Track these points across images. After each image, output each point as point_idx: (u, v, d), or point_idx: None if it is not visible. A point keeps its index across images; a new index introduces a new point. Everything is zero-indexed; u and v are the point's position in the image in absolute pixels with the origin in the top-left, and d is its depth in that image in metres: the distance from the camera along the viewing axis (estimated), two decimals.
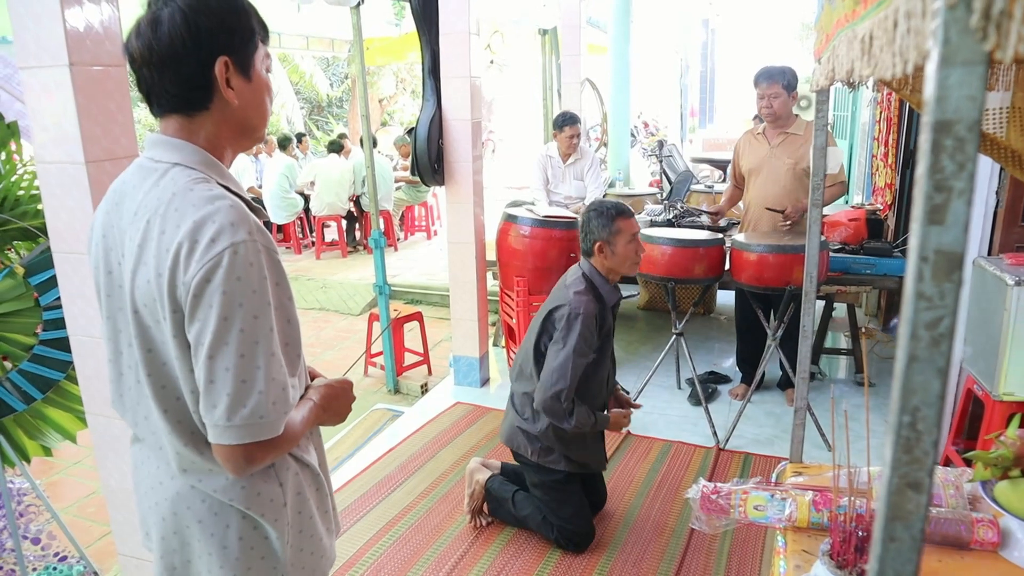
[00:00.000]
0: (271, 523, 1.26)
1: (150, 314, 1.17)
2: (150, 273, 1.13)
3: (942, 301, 0.52)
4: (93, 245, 1.27)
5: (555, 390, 2.59)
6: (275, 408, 1.14)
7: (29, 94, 1.99)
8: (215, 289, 1.08)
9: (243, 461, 1.14)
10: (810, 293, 1.92)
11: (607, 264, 2.71)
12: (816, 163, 1.78)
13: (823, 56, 1.35)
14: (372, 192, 4.64)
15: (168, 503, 1.26)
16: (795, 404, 2.12)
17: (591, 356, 2.66)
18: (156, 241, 1.12)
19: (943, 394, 0.54)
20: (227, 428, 1.11)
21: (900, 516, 0.57)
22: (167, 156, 1.19)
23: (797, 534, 1.64)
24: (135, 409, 1.28)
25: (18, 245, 2.49)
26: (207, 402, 1.12)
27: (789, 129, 3.86)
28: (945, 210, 0.50)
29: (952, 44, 0.47)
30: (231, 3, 1.18)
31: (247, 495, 1.23)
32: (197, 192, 1.13)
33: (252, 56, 1.21)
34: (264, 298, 1.13)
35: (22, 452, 2.55)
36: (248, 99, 1.22)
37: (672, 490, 3.26)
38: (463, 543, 2.89)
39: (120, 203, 1.22)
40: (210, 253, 1.08)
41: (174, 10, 1.13)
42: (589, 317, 2.62)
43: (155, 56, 1.15)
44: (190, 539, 1.27)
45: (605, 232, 2.66)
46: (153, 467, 1.30)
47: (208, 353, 1.10)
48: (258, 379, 1.11)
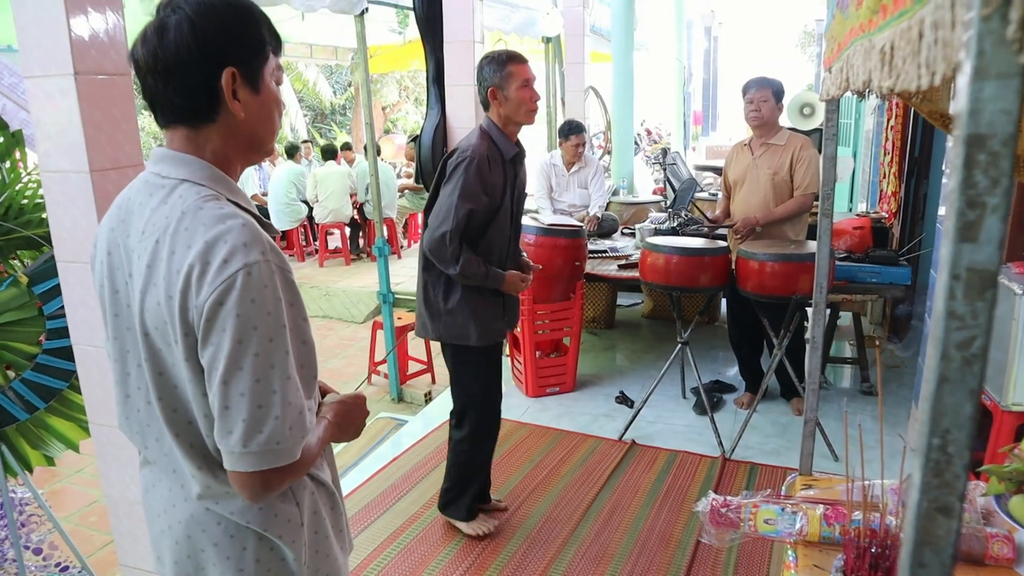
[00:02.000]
0: (288, 544, 1.23)
1: (161, 337, 1.13)
2: (160, 295, 1.10)
3: (974, 320, 0.50)
4: (98, 263, 1.24)
5: (440, 231, 2.55)
6: (292, 433, 1.10)
7: (34, 103, 1.99)
8: (228, 312, 1.05)
9: (260, 488, 1.11)
10: (820, 303, 1.90)
11: (502, 112, 2.65)
12: (826, 173, 1.76)
13: (834, 66, 1.34)
14: (376, 200, 4.63)
15: (182, 526, 1.23)
16: (804, 416, 2.10)
17: (482, 200, 2.60)
18: (166, 262, 1.09)
19: (975, 416, 0.52)
20: (243, 455, 1.08)
21: (929, 541, 0.55)
22: (174, 172, 1.15)
23: (808, 549, 1.62)
24: (144, 431, 1.25)
25: (22, 254, 2.48)
26: (222, 428, 1.08)
27: (772, 140, 3.89)
28: (978, 227, 0.48)
29: (986, 56, 0.46)
30: (241, 12, 1.15)
31: (264, 516, 1.21)
32: (207, 210, 1.10)
33: (261, 68, 1.17)
34: (279, 320, 1.09)
35: (24, 461, 2.54)
36: (256, 112, 1.18)
37: (678, 500, 3.23)
38: (470, 553, 2.87)
39: (126, 220, 1.18)
40: (223, 275, 1.05)
41: (181, 18, 1.10)
42: (480, 160, 2.58)
43: (160, 64, 1.11)
44: (205, 563, 1.23)
45: (497, 77, 2.61)
46: (165, 489, 1.26)
47: (222, 378, 1.06)
48: (274, 404, 1.08)
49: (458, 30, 4.07)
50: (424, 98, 4.35)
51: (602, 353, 5.22)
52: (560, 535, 2.98)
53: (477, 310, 2.72)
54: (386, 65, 10.66)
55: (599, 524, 3.06)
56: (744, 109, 3.91)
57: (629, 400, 4.28)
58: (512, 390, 4.58)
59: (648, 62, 11.67)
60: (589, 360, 4.99)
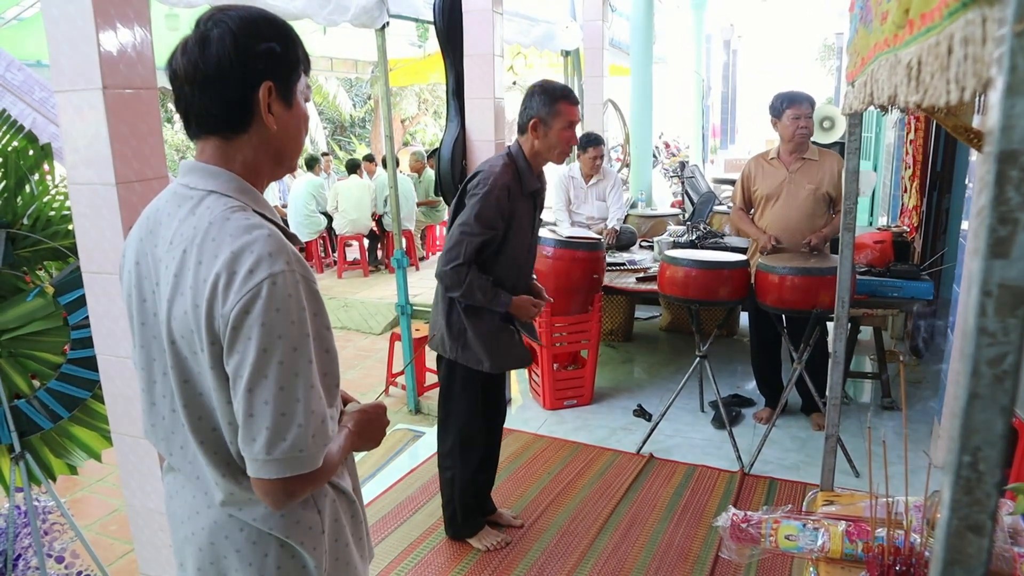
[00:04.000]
0: (309, 551, 1.24)
1: (187, 345, 1.15)
2: (187, 304, 1.11)
3: (1006, 337, 0.50)
4: (126, 272, 1.26)
5: (451, 258, 2.54)
6: (315, 441, 1.11)
7: (63, 116, 2.02)
8: (254, 321, 1.06)
9: (283, 495, 1.13)
10: (842, 318, 1.89)
11: (537, 146, 2.61)
12: (849, 186, 1.76)
13: (857, 80, 1.34)
14: (395, 212, 4.66)
15: (205, 533, 1.24)
16: (826, 431, 2.08)
17: (497, 230, 2.56)
18: (193, 271, 1.10)
19: (1007, 433, 0.52)
20: (266, 462, 1.09)
21: (960, 561, 0.54)
22: (202, 183, 1.17)
23: (830, 565, 1.60)
24: (169, 439, 1.26)
25: (49, 265, 2.52)
26: (246, 435, 1.10)
27: (806, 155, 3.85)
28: (1010, 243, 0.48)
29: (1020, 72, 0.46)
30: (281, 30, 1.18)
31: (287, 523, 1.22)
32: (234, 221, 1.12)
33: (295, 85, 1.21)
34: (303, 329, 1.11)
35: (48, 470, 2.56)
36: (286, 126, 1.21)
37: (696, 515, 3.21)
38: (487, 567, 2.86)
39: (154, 231, 1.20)
40: (248, 284, 1.06)
41: (224, 31, 1.12)
42: (500, 190, 2.53)
43: (200, 75, 1.13)
44: (227, 570, 1.25)
45: (544, 110, 2.56)
46: (188, 496, 1.28)
47: (247, 386, 1.08)
48: (297, 412, 1.09)
49: (478, 44, 4.10)
50: (443, 111, 4.37)
51: (620, 366, 5.20)
52: (577, 549, 2.97)
53: (498, 337, 2.70)
54: (406, 78, 10.73)
55: (617, 538, 3.04)
56: (786, 126, 3.82)
57: (647, 413, 4.26)
58: (529, 402, 4.58)
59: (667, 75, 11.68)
60: (607, 373, 4.97)
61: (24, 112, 2.63)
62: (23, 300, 2.41)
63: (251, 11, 1.17)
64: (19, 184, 2.41)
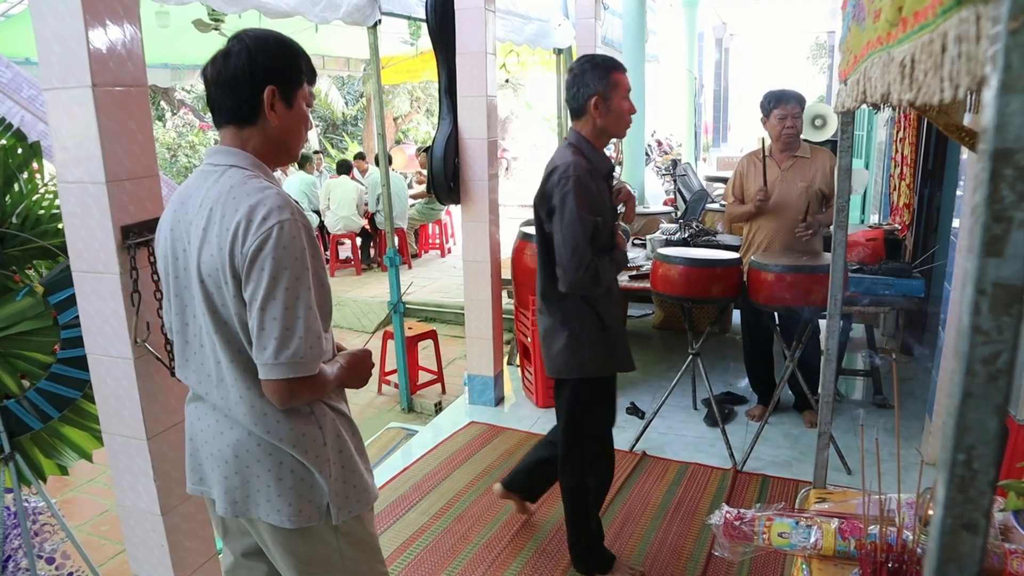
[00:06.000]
0: (312, 460, 1.52)
1: (213, 282, 1.45)
2: (214, 248, 1.42)
3: (1000, 336, 0.50)
4: (162, 239, 1.56)
5: (576, 261, 2.36)
6: (311, 351, 1.41)
7: (52, 114, 2.00)
8: (266, 256, 1.37)
9: (286, 394, 1.42)
10: (835, 315, 1.89)
11: (600, 124, 2.47)
12: (841, 184, 1.76)
13: (850, 78, 1.34)
14: (387, 210, 4.65)
15: (230, 448, 1.54)
16: (819, 428, 2.09)
17: (596, 216, 2.41)
18: (218, 223, 1.42)
19: (1000, 432, 0.52)
20: (274, 366, 1.39)
21: (954, 559, 0.54)
22: (224, 160, 1.50)
23: (823, 563, 1.60)
24: (199, 370, 1.56)
25: (38, 264, 2.50)
26: (258, 345, 1.40)
27: (797, 153, 3.86)
28: (1004, 241, 0.48)
29: (1014, 70, 0.45)
30: (286, 48, 1.51)
31: (294, 436, 1.51)
32: (250, 184, 1.44)
33: (296, 91, 1.52)
34: (304, 264, 1.41)
35: (38, 471, 2.55)
36: (286, 123, 1.52)
37: (689, 513, 3.21)
38: (480, 565, 2.86)
39: (185, 202, 1.51)
40: (262, 228, 1.37)
41: (242, 47, 1.46)
42: (584, 176, 2.39)
43: (221, 79, 1.47)
44: (250, 477, 1.53)
45: (602, 85, 2.42)
46: (212, 420, 1.57)
47: (260, 306, 1.38)
48: (298, 327, 1.39)
49: (470, 42, 4.09)
50: (436, 109, 4.36)
51: None
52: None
53: (612, 334, 2.60)
54: (398, 76, 10.70)
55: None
56: (773, 125, 3.83)
57: (640, 411, 4.26)
58: (523, 400, 4.58)
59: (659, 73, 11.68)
60: None
61: (12, 110, 2.61)
62: (12, 300, 2.39)
63: (266, 34, 1.51)
64: (8, 183, 2.39)
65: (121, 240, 2.04)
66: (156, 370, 2.19)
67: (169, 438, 2.25)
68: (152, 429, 2.19)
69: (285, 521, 1.53)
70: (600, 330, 2.56)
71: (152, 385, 2.19)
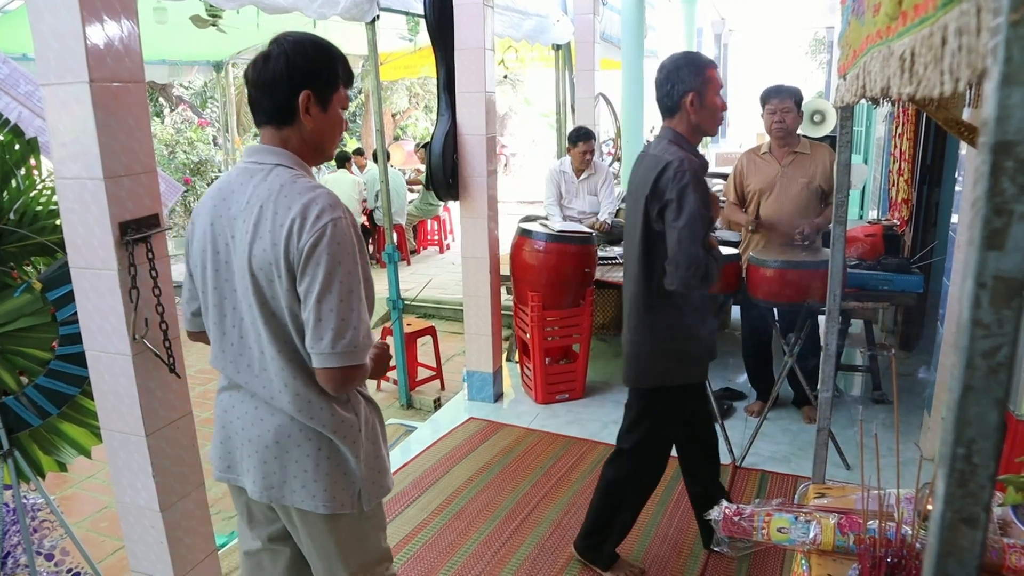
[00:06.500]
0: (349, 444, 1.61)
1: (265, 276, 1.51)
2: (267, 244, 1.48)
3: (1000, 329, 0.50)
4: (200, 231, 1.61)
5: (689, 258, 2.28)
6: (364, 341, 1.50)
7: (49, 110, 2.00)
8: (322, 251, 1.45)
9: (340, 381, 1.51)
10: (834, 311, 1.89)
11: (694, 121, 2.41)
12: (840, 179, 1.75)
13: (849, 72, 1.33)
14: (386, 206, 4.64)
15: (271, 434, 1.60)
16: (818, 424, 2.09)
17: (709, 210, 2.34)
18: (270, 220, 1.48)
19: (1001, 426, 0.51)
20: (331, 355, 1.47)
21: (954, 552, 0.54)
22: (269, 159, 1.56)
23: (822, 558, 1.61)
24: (237, 360, 1.62)
25: (36, 260, 2.49)
26: (315, 336, 1.47)
27: (796, 148, 3.85)
28: (1005, 234, 0.48)
29: (1015, 62, 0.45)
30: (323, 52, 1.56)
31: (334, 422, 1.59)
32: (300, 184, 1.51)
33: (331, 95, 1.57)
34: (355, 259, 1.50)
35: (37, 467, 2.54)
36: (321, 125, 1.57)
37: (689, 508, 3.20)
38: (480, 560, 2.86)
39: (227, 198, 1.57)
40: (317, 225, 1.45)
41: (280, 52, 1.52)
42: (698, 169, 2.32)
43: (260, 81, 1.54)
44: (288, 462, 1.60)
45: (698, 81, 2.37)
46: (251, 407, 1.63)
47: (317, 299, 1.46)
48: (353, 318, 1.48)
49: (469, 37, 4.08)
50: (434, 105, 4.35)
51: (612, 360, 5.20)
52: (571, 543, 2.97)
53: (701, 337, 2.55)
54: (396, 72, 10.68)
55: None
56: (765, 119, 3.85)
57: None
58: (522, 396, 4.58)
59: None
60: (599, 367, 4.98)
61: (9, 106, 2.60)
62: (10, 296, 2.38)
63: (304, 38, 1.55)
64: (5, 179, 2.39)
65: (119, 236, 2.03)
66: (155, 366, 2.19)
67: (168, 434, 2.25)
68: (151, 425, 2.19)
69: (320, 507, 1.60)
70: (687, 338, 2.50)
71: (151, 381, 2.19)
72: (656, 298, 2.46)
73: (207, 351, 1.73)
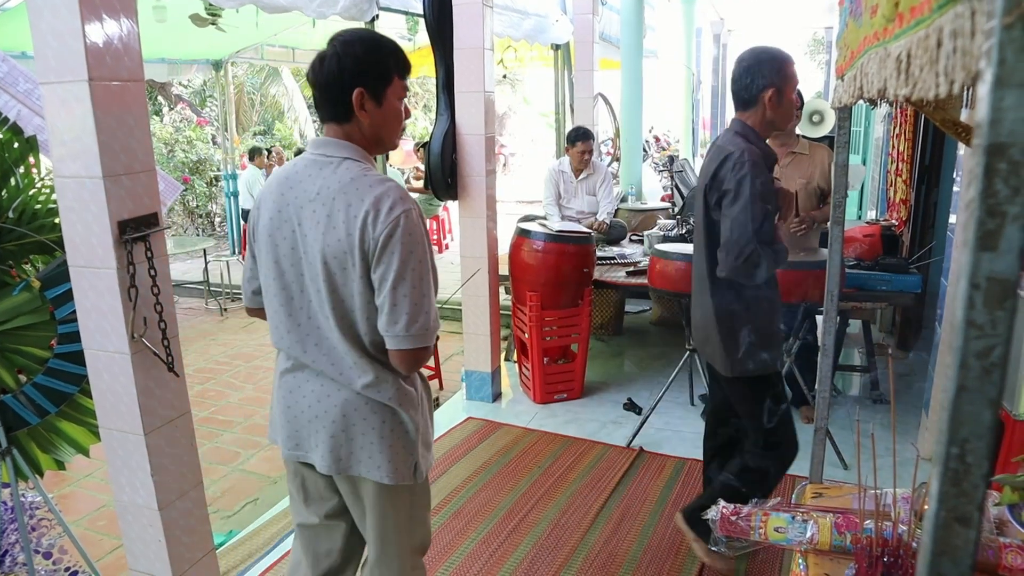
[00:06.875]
0: (411, 416, 1.72)
1: (339, 264, 1.59)
2: (341, 234, 1.57)
3: (994, 330, 0.50)
4: (265, 219, 1.69)
5: (738, 246, 2.27)
6: (434, 324, 1.61)
7: (49, 108, 2.00)
8: (396, 241, 1.54)
9: (413, 361, 1.63)
10: (831, 311, 1.89)
11: (770, 116, 2.39)
12: (838, 180, 1.76)
13: (847, 73, 1.34)
14: None
15: (338, 408, 1.69)
16: (816, 424, 2.09)
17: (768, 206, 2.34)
18: (344, 211, 1.57)
19: (994, 425, 0.52)
20: (406, 337, 1.58)
21: (948, 551, 0.55)
22: (337, 152, 1.64)
23: (819, 557, 1.61)
24: (304, 340, 1.70)
25: (35, 258, 2.49)
26: (390, 319, 1.58)
27: (795, 149, 3.86)
28: (998, 236, 0.48)
29: (1007, 65, 0.46)
30: (374, 50, 1.62)
31: (399, 396, 1.69)
32: (370, 177, 1.60)
33: (385, 89, 1.65)
34: (425, 248, 1.60)
35: (35, 466, 2.54)
36: (377, 120, 1.65)
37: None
38: (478, 559, 2.87)
39: (294, 187, 1.65)
40: (391, 216, 1.54)
41: (333, 53, 1.60)
42: (759, 159, 2.32)
43: (319, 82, 1.62)
44: (355, 434, 1.70)
45: (779, 78, 2.35)
46: (317, 385, 1.72)
47: (392, 285, 1.56)
48: (425, 303, 1.59)
49: (468, 37, 4.08)
50: (433, 104, 4.35)
51: (610, 360, 5.21)
52: (569, 542, 2.97)
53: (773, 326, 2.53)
54: None
55: (607, 532, 3.05)
56: None
57: (637, 407, 4.27)
58: (520, 396, 4.58)
59: (657, 69, 11.67)
60: (597, 367, 4.98)
61: (9, 104, 2.60)
62: (9, 294, 2.38)
63: (353, 37, 1.63)
64: (4, 177, 2.39)
65: (118, 235, 2.03)
66: (153, 365, 2.19)
67: (166, 433, 2.26)
68: (149, 424, 2.19)
69: (384, 477, 1.70)
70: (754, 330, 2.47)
71: (149, 380, 2.19)
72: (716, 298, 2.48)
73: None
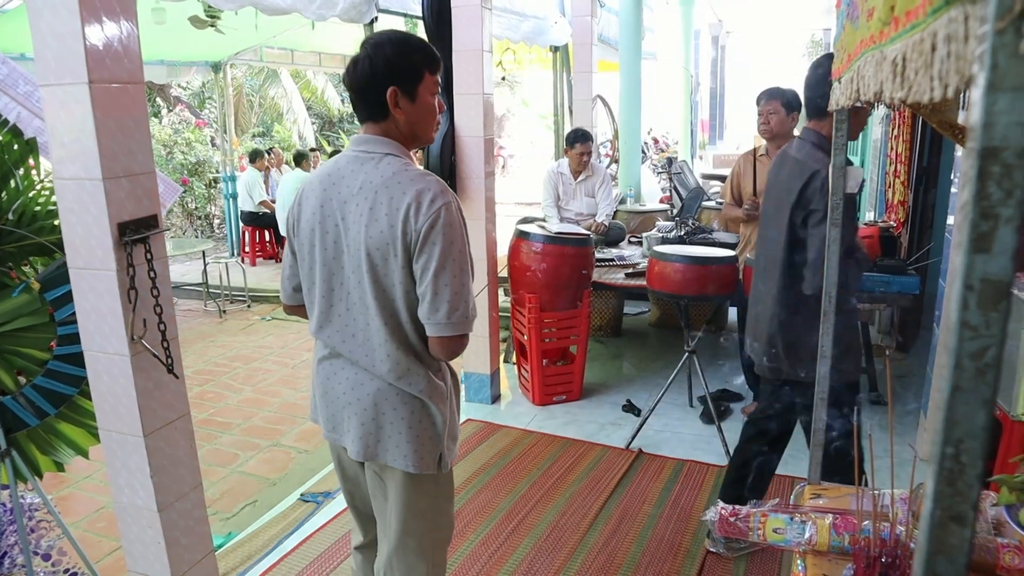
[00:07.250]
0: (439, 407, 1.77)
1: (381, 255, 1.65)
2: (383, 226, 1.63)
3: (988, 331, 0.51)
4: (308, 213, 1.75)
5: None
6: (473, 312, 1.67)
7: (48, 110, 2.00)
8: (437, 232, 1.60)
9: (453, 348, 1.68)
10: (829, 312, 1.90)
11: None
12: (835, 182, 1.77)
13: (844, 76, 1.34)
14: None
15: (370, 397, 1.75)
16: (814, 425, 2.10)
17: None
18: (386, 204, 1.63)
19: (988, 426, 0.52)
20: (447, 324, 1.64)
21: (943, 550, 0.55)
22: (378, 149, 1.70)
23: (817, 558, 1.62)
24: (343, 331, 1.76)
25: (34, 260, 2.50)
26: (432, 307, 1.63)
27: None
28: (991, 238, 0.49)
29: (1000, 69, 0.46)
30: (403, 49, 1.67)
31: (429, 388, 1.74)
32: (411, 172, 1.66)
33: (417, 86, 1.69)
34: (465, 239, 1.67)
35: (35, 467, 2.54)
36: (412, 116, 1.71)
37: (686, 510, 3.23)
38: (478, 560, 2.87)
39: (337, 182, 1.71)
40: (432, 209, 1.60)
41: (366, 56, 1.66)
42: None
43: (355, 84, 1.69)
44: (384, 423, 1.75)
45: None
46: (351, 374, 1.78)
47: (434, 274, 1.61)
48: (464, 292, 1.65)
49: (467, 39, 4.09)
50: None
51: (609, 361, 5.21)
52: (568, 543, 2.98)
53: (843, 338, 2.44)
54: None
55: (607, 533, 3.05)
56: (757, 120, 3.89)
57: (636, 408, 4.27)
58: (519, 398, 4.59)
59: (656, 71, 11.69)
60: (596, 368, 4.99)
61: (8, 106, 2.61)
62: (9, 296, 2.39)
63: (383, 38, 1.68)
64: (4, 179, 2.39)
65: (118, 236, 2.04)
66: (153, 367, 2.19)
67: (166, 435, 2.26)
68: (149, 426, 2.19)
69: (410, 466, 1.75)
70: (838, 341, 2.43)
71: (149, 382, 2.19)
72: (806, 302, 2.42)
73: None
